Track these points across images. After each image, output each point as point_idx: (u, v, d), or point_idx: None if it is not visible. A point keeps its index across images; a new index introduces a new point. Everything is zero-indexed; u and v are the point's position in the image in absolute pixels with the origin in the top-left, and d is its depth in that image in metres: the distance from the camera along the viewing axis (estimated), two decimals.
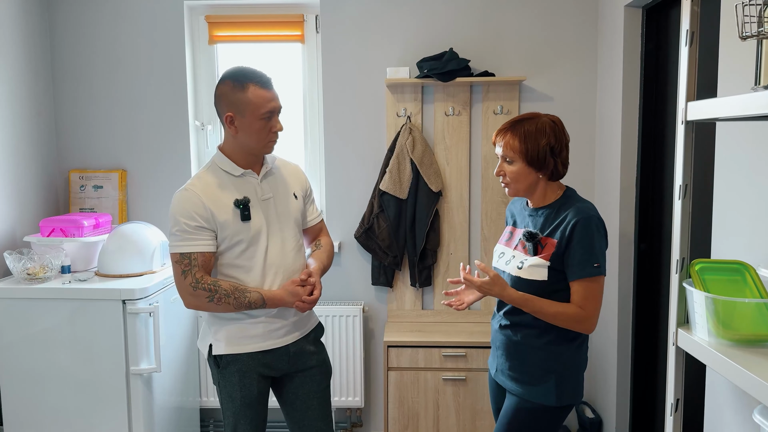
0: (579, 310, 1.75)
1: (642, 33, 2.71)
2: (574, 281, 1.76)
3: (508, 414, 1.88)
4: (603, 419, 3.02)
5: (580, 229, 1.74)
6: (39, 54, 3.05)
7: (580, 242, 1.74)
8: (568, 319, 1.75)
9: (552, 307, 1.76)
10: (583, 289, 1.75)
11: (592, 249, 1.74)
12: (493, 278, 1.78)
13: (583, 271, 1.74)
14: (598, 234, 1.76)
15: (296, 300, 1.91)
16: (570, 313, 1.75)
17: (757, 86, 1.21)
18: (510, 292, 1.78)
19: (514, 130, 1.82)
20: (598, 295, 1.76)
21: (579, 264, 1.74)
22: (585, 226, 1.74)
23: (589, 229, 1.74)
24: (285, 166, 2.09)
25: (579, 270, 1.74)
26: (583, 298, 1.75)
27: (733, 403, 1.76)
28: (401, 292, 3.18)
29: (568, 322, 1.76)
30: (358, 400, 3.15)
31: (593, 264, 1.73)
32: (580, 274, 1.74)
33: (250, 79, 1.86)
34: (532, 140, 1.79)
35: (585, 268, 1.73)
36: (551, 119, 1.83)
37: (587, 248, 1.74)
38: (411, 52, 3.06)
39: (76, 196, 3.16)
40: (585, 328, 1.77)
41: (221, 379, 1.97)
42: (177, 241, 1.86)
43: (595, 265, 1.73)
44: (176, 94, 3.14)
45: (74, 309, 2.50)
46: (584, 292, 1.75)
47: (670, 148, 2.55)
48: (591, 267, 1.73)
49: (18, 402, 2.55)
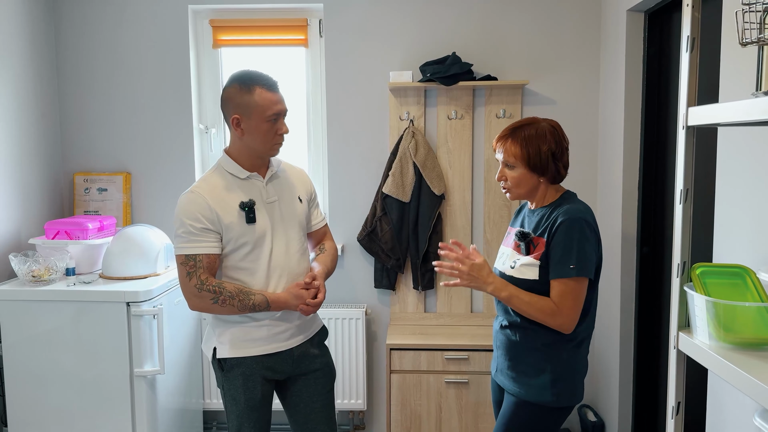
0: (552, 305, 1.76)
1: (644, 37, 2.72)
2: (552, 280, 1.77)
3: (506, 414, 1.89)
4: (605, 422, 3.02)
5: (564, 229, 1.75)
6: (44, 58, 3.08)
7: (561, 242, 1.75)
8: (539, 310, 1.76)
9: (527, 296, 1.78)
10: (559, 287, 1.76)
11: (570, 250, 1.74)
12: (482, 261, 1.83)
13: (559, 271, 1.75)
14: (582, 236, 1.75)
15: (300, 303, 1.92)
16: (542, 304, 1.76)
17: (758, 92, 1.21)
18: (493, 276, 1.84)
19: (515, 135, 1.83)
20: (573, 296, 1.75)
21: (556, 263, 1.75)
22: (568, 227, 1.75)
23: (572, 230, 1.75)
24: (290, 170, 2.11)
25: (555, 269, 1.76)
26: (558, 296, 1.76)
27: (734, 406, 1.77)
28: (404, 295, 3.19)
29: (540, 314, 1.76)
30: (360, 402, 3.15)
31: (569, 265, 1.74)
32: (554, 273, 1.76)
33: (257, 82, 1.87)
34: (533, 145, 1.80)
35: (561, 268, 1.74)
36: (551, 124, 1.85)
37: (566, 249, 1.74)
38: (414, 56, 3.08)
39: (80, 199, 3.18)
40: (558, 323, 1.76)
41: (225, 382, 1.98)
42: (182, 242, 1.87)
43: (571, 266, 1.73)
44: (180, 98, 3.16)
45: (79, 311, 2.52)
46: (560, 291, 1.75)
47: (673, 151, 2.56)
48: (567, 268, 1.74)
49: (22, 403, 2.57)
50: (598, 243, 1.82)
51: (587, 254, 1.75)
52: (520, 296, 1.78)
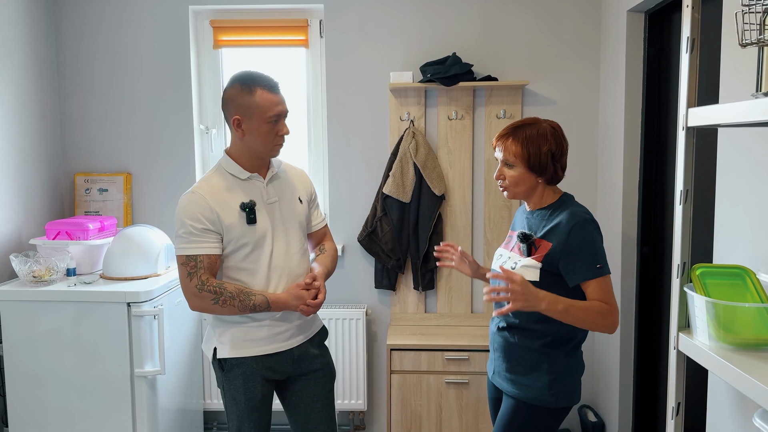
0: (604, 305, 1.74)
1: (644, 38, 2.72)
2: (586, 282, 1.76)
3: (505, 416, 1.89)
4: (605, 423, 3.02)
5: (579, 233, 1.76)
6: (44, 58, 3.08)
7: (581, 246, 1.75)
8: (597, 313, 1.71)
9: (581, 303, 1.72)
10: (597, 287, 1.75)
11: (594, 251, 1.76)
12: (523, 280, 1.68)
13: (590, 272, 1.75)
14: (597, 236, 1.78)
15: (301, 303, 1.92)
16: (598, 307, 1.72)
17: (758, 93, 1.21)
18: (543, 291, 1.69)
19: (516, 135, 1.84)
20: (610, 292, 1.77)
21: (584, 266, 1.75)
22: (583, 230, 1.76)
23: (586, 232, 1.76)
24: (291, 171, 2.11)
25: (586, 272, 1.75)
26: (603, 294, 1.74)
27: (734, 406, 1.77)
28: (404, 296, 3.19)
29: (598, 317, 1.71)
30: (361, 403, 3.16)
31: (596, 265, 1.75)
32: (587, 275, 1.75)
33: (258, 83, 1.88)
34: (533, 145, 1.81)
35: (592, 269, 1.75)
36: (551, 125, 1.85)
37: (589, 251, 1.75)
38: (414, 57, 3.08)
39: (81, 199, 3.18)
40: (611, 322, 1.74)
41: (225, 382, 1.98)
42: (183, 243, 1.87)
43: (598, 266, 1.75)
44: (181, 98, 3.16)
45: (79, 311, 2.52)
46: (600, 290, 1.75)
47: (673, 152, 2.56)
48: (595, 268, 1.75)
49: (23, 403, 2.57)
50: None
51: (603, 252, 1.78)
52: (576, 304, 1.71)
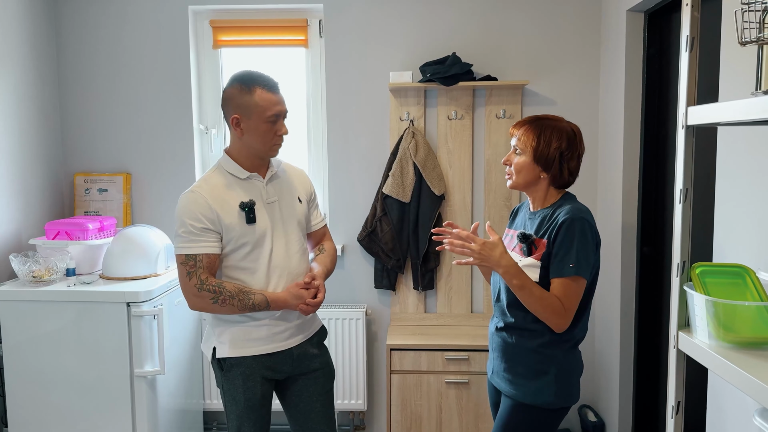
0: (560, 304, 1.73)
1: (644, 37, 2.73)
2: (553, 278, 1.75)
3: (504, 416, 1.88)
4: (606, 422, 3.02)
5: (565, 228, 1.74)
6: (45, 58, 3.08)
7: (562, 240, 1.74)
8: (548, 307, 1.72)
9: (538, 290, 1.74)
10: (561, 285, 1.74)
11: (570, 249, 1.73)
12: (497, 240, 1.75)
13: (559, 269, 1.74)
14: (582, 236, 1.74)
15: (300, 303, 1.92)
16: (552, 302, 1.73)
17: (758, 91, 1.21)
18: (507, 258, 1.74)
19: (533, 124, 1.84)
20: (574, 295, 1.74)
21: (557, 262, 1.74)
22: (569, 227, 1.74)
23: (572, 229, 1.74)
24: (290, 170, 2.11)
25: (555, 268, 1.74)
26: (563, 295, 1.73)
27: (734, 406, 1.77)
28: (404, 296, 3.19)
29: (547, 310, 1.73)
30: (361, 403, 3.15)
31: (569, 264, 1.73)
32: (554, 272, 1.74)
33: (258, 83, 1.88)
34: (545, 138, 1.81)
35: (561, 267, 1.73)
36: (572, 126, 1.85)
37: (567, 247, 1.73)
38: (414, 57, 3.08)
39: (81, 200, 3.18)
40: (560, 322, 1.74)
41: (225, 382, 1.98)
42: (182, 242, 1.87)
43: (570, 265, 1.72)
44: (181, 98, 3.16)
45: (79, 311, 2.52)
46: (562, 289, 1.73)
47: (673, 151, 2.56)
48: (567, 266, 1.73)
49: (23, 403, 2.57)
50: (596, 246, 1.81)
51: (586, 255, 1.74)
52: (533, 289, 1.73)
